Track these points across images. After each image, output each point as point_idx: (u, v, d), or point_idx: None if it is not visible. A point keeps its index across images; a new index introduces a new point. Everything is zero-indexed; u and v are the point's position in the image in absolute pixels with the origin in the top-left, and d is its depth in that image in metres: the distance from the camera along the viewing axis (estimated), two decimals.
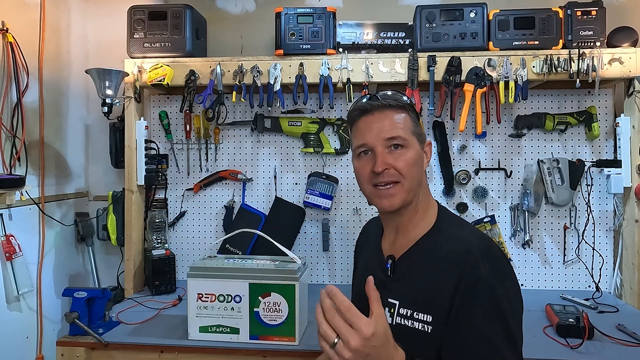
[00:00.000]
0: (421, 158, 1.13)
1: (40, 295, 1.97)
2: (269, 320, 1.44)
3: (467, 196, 2.11)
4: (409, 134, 1.10)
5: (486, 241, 1.07)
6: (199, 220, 2.25)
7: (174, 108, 2.24)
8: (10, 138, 1.83)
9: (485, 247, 1.04)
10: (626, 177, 1.91)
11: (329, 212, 2.16)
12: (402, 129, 1.10)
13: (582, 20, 1.88)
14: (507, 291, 1.00)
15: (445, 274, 1.02)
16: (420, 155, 1.13)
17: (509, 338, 0.97)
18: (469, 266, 0.99)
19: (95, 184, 2.37)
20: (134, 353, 1.54)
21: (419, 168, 1.11)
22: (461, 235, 1.07)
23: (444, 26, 1.93)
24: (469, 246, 1.03)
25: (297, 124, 2.13)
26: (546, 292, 2.04)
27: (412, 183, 1.10)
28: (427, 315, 1.03)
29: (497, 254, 1.05)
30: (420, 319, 1.04)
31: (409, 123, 1.12)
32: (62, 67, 2.18)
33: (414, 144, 1.11)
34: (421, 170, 1.13)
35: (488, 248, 1.04)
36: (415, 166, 1.10)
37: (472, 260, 1.00)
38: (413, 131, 1.11)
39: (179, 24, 2.01)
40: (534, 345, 1.47)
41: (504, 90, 1.89)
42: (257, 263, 1.53)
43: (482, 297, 0.98)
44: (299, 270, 1.46)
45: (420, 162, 1.12)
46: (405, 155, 1.09)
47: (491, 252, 1.04)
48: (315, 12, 1.97)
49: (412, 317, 1.05)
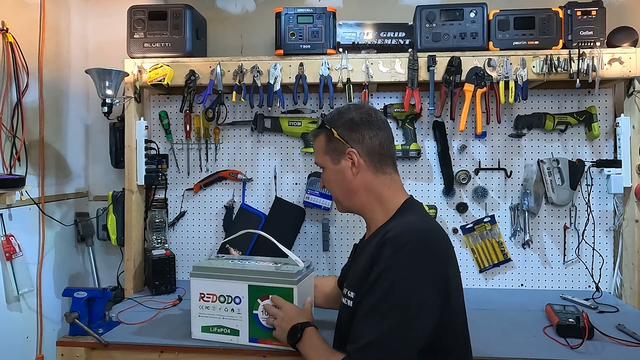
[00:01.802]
0: (339, 172, 1.25)
1: (40, 295, 1.97)
2: (267, 324, 1.43)
3: (467, 196, 2.11)
4: (322, 156, 1.29)
5: (409, 228, 1.11)
6: (199, 220, 2.25)
7: (174, 108, 2.24)
8: (10, 138, 1.83)
9: (402, 232, 1.09)
10: (626, 177, 1.91)
11: (329, 212, 2.16)
12: (316, 153, 1.32)
13: (582, 20, 1.88)
14: (396, 274, 1.05)
15: (368, 256, 1.13)
16: (337, 170, 1.25)
17: (380, 315, 1.04)
18: (378, 248, 1.09)
19: (95, 184, 2.37)
20: (134, 353, 1.54)
21: (339, 182, 1.27)
22: (395, 222, 1.17)
23: (444, 26, 1.93)
24: (387, 231, 1.12)
25: (297, 124, 2.13)
26: (546, 292, 2.04)
27: (335, 194, 1.30)
28: (352, 293, 1.17)
29: (411, 241, 1.07)
30: (350, 296, 1.18)
31: (322, 144, 1.29)
32: (62, 67, 2.18)
33: (326, 161, 1.28)
34: (342, 183, 1.26)
35: (403, 233, 1.09)
36: (332, 182, 1.29)
37: (382, 242, 1.09)
38: (326, 150, 1.27)
39: (179, 24, 2.01)
40: (534, 345, 1.47)
41: (504, 90, 1.89)
42: (259, 265, 1.52)
43: (373, 275, 1.08)
44: (299, 274, 1.44)
45: (339, 176, 1.26)
46: (323, 177, 1.32)
47: (403, 237, 1.07)
48: (315, 12, 1.97)
49: (347, 296, 1.20)
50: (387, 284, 1.05)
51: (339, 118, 1.26)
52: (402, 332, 1.02)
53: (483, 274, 2.11)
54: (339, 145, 1.24)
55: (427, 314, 1.04)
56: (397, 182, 1.27)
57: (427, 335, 1.04)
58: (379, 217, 1.24)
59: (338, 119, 1.26)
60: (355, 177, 1.23)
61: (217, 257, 1.66)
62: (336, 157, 1.25)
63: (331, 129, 1.25)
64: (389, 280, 1.05)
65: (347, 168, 1.24)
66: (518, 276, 2.10)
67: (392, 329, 1.02)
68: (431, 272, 1.06)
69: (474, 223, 2.10)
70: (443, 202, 2.12)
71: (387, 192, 1.24)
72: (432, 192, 2.13)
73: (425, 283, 1.05)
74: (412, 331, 1.03)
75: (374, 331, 1.03)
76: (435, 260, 1.08)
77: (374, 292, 1.06)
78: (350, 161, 1.23)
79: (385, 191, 1.24)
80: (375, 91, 2.16)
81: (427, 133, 2.13)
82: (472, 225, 2.10)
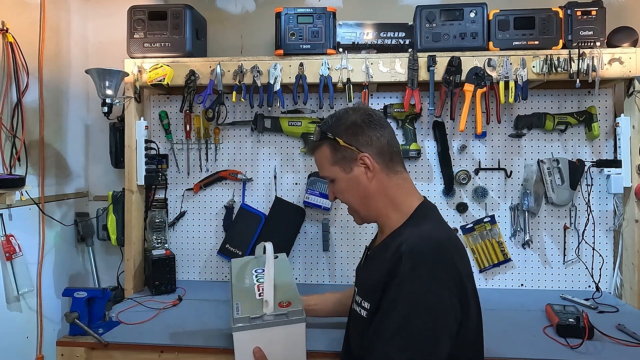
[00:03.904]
0: (353, 180, 1.18)
1: (40, 295, 1.97)
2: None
3: (467, 196, 2.11)
4: (329, 168, 1.21)
5: (426, 240, 1.06)
6: (199, 220, 2.25)
7: (174, 108, 2.24)
8: (10, 138, 1.83)
9: (417, 244, 1.04)
10: (626, 177, 1.91)
11: (329, 212, 2.16)
12: (322, 167, 1.24)
13: (582, 20, 1.88)
14: (416, 294, 0.99)
15: (383, 267, 1.07)
16: (350, 179, 1.18)
17: (405, 338, 0.98)
18: (395, 261, 1.04)
19: (95, 184, 2.37)
20: (134, 353, 1.54)
21: (353, 191, 1.19)
22: (409, 231, 1.11)
23: (444, 26, 1.93)
24: (402, 241, 1.06)
25: (297, 124, 2.13)
26: (546, 292, 2.04)
27: (351, 204, 1.23)
28: (367, 303, 1.11)
29: (430, 255, 1.02)
30: (364, 306, 1.12)
31: (327, 155, 1.20)
32: (62, 67, 2.18)
33: (337, 172, 1.20)
34: (357, 191, 1.19)
35: (419, 246, 1.04)
36: (346, 192, 1.21)
37: (398, 255, 1.04)
38: (334, 161, 1.20)
39: (179, 24, 2.01)
40: (534, 345, 1.48)
41: (504, 90, 1.88)
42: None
43: (393, 292, 1.02)
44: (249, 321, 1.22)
45: (353, 184, 1.19)
46: (334, 188, 1.23)
47: (420, 250, 1.03)
48: (315, 12, 1.96)
49: (360, 305, 1.15)
50: (409, 303, 0.99)
51: (339, 125, 1.19)
52: (429, 356, 0.98)
53: (483, 274, 2.11)
54: (348, 153, 1.17)
55: (450, 333, 1.01)
56: (409, 182, 1.22)
57: (449, 352, 1.01)
58: (393, 221, 1.18)
59: (338, 125, 1.19)
60: (371, 182, 1.17)
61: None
62: (347, 166, 1.18)
63: (335, 137, 1.18)
64: (411, 300, 0.99)
65: (362, 174, 1.17)
66: (518, 276, 2.10)
67: (419, 353, 0.98)
68: (453, 286, 1.02)
69: (474, 223, 2.10)
70: (443, 202, 2.12)
71: (401, 194, 1.19)
72: (432, 192, 2.13)
73: (448, 300, 1.01)
74: (439, 354, 0.99)
75: (401, 356, 0.98)
76: (455, 274, 1.03)
77: (396, 312, 1.00)
78: (364, 166, 1.17)
79: (398, 192, 1.19)
80: (375, 91, 2.16)
81: (427, 133, 2.13)
82: (472, 225, 2.10)
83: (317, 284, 2.19)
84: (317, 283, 2.19)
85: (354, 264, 2.16)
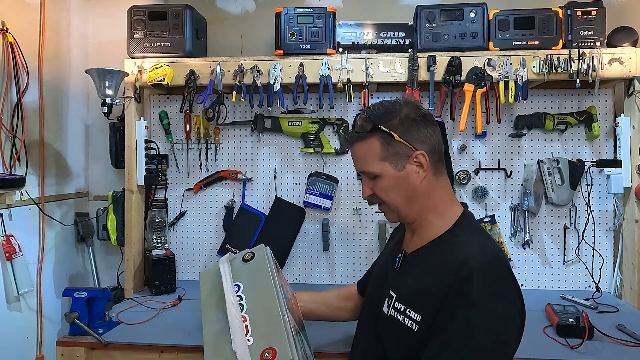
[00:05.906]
0: (403, 178, 1.10)
1: (40, 295, 1.97)
2: None
3: (467, 196, 2.11)
4: (377, 163, 1.10)
5: (490, 255, 1.01)
6: (199, 220, 2.25)
7: (174, 108, 2.24)
8: (10, 138, 1.83)
9: (486, 261, 0.99)
10: (626, 177, 1.92)
11: (329, 212, 2.16)
12: (368, 161, 1.12)
13: (582, 20, 1.88)
14: (492, 312, 0.95)
15: (440, 279, 1.00)
16: (401, 177, 1.10)
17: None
18: (461, 276, 0.97)
19: (95, 184, 2.37)
20: (134, 353, 1.54)
21: (401, 190, 1.11)
22: (466, 244, 1.04)
23: (444, 26, 1.93)
24: (467, 256, 1.00)
25: (297, 124, 2.13)
26: (546, 292, 2.04)
27: (395, 204, 1.13)
28: (417, 315, 1.03)
29: (498, 272, 0.99)
30: (412, 316, 1.05)
31: (376, 150, 1.10)
32: (62, 67, 2.18)
33: (386, 169, 1.10)
34: (405, 190, 1.11)
35: (489, 263, 0.99)
36: (392, 190, 1.11)
37: (466, 270, 0.97)
38: (384, 156, 1.10)
39: (179, 24, 2.01)
40: (534, 345, 1.47)
41: (504, 90, 1.88)
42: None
43: (462, 310, 0.95)
44: None
45: (402, 183, 1.10)
46: (378, 185, 1.12)
47: (490, 267, 0.98)
48: (315, 12, 1.97)
49: (404, 313, 1.07)
50: (486, 325, 0.94)
51: (392, 117, 1.09)
52: None
53: None
54: (402, 149, 1.08)
55: (514, 350, 1.00)
56: (450, 186, 1.17)
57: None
58: (435, 226, 1.11)
59: (391, 118, 1.09)
60: (420, 182, 1.10)
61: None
62: (400, 162, 1.09)
63: (390, 131, 1.08)
64: (487, 322, 0.94)
65: (413, 173, 1.09)
66: (518, 276, 2.09)
67: None
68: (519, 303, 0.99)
69: None
70: None
71: (444, 198, 1.13)
72: None
73: (518, 319, 0.99)
74: None
75: None
76: (518, 288, 1.01)
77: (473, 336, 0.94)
78: (417, 164, 1.09)
79: (442, 197, 1.13)
80: (375, 91, 2.15)
81: None
82: None
83: (317, 284, 2.19)
84: (317, 283, 2.19)
85: (354, 264, 2.18)
